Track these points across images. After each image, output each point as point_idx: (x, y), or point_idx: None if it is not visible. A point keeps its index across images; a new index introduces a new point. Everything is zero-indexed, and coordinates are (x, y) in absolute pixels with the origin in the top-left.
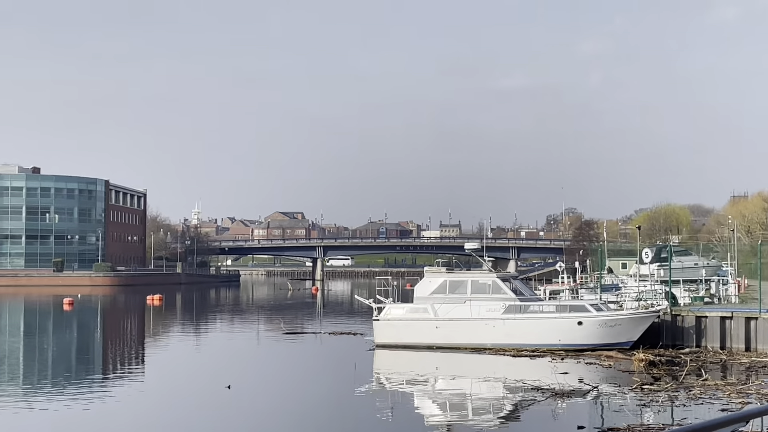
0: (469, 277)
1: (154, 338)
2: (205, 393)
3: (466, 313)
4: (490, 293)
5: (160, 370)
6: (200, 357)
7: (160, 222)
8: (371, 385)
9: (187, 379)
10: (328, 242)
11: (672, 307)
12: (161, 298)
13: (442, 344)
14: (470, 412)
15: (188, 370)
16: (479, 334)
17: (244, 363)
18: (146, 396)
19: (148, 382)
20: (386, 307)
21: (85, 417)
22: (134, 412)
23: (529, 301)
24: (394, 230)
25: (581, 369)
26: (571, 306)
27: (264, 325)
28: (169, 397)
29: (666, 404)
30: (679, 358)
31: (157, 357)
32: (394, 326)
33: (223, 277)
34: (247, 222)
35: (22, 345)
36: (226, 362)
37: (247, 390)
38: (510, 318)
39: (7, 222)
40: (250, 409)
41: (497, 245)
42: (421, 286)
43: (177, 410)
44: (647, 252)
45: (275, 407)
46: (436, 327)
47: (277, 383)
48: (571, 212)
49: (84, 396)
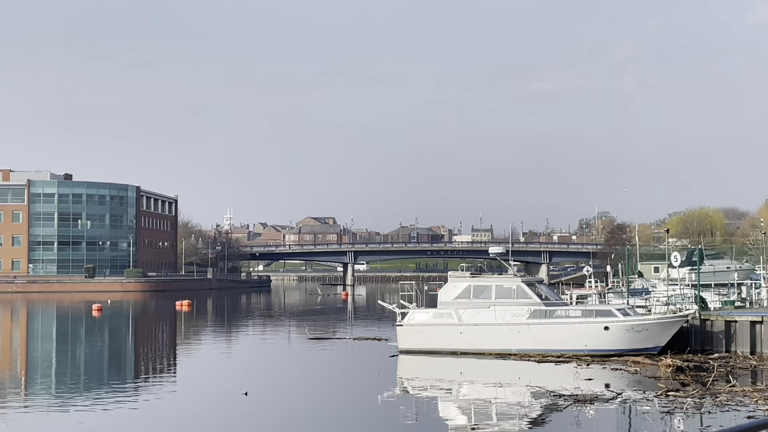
0: (493, 282)
1: (181, 344)
2: (228, 399)
3: (491, 318)
4: (515, 298)
5: (185, 376)
6: (225, 362)
7: (191, 228)
8: (395, 391)
9: (209, 384)
10: (358, 247)
11: (701, 312)
12: (190, 304)
13: (467, 350)
14: (494, 418)
15: (210, 375)
16: (504, 340)
17: (267, 369)
18: (170, 402)
19: (173, 388)
20: (410, 313)
21: (108, 423)
22: (158, 417)
23: (555, 305)
24: (425, 235)
25: (606, 375)
26: (598, 311)
27: (289, 330)
28: (192, 403)
29: (691, 411)
30: (707, 363)
31: (183, 363)
32: (418, 332)
33: (253, 282)
34: (279, 227)
35: (49, 351)
36: (249, 368)
37: (269, 396)
38: (535, 323)
39: (40, 228)
40: (273, 416)
41: (529, 249)
42: (445, 291)
43: (200, 416)
44: (676, 256)
45: (298, 414)
46: (460, 332)
47: (299, 390)
48: (603, 216)
49: (110, 402)
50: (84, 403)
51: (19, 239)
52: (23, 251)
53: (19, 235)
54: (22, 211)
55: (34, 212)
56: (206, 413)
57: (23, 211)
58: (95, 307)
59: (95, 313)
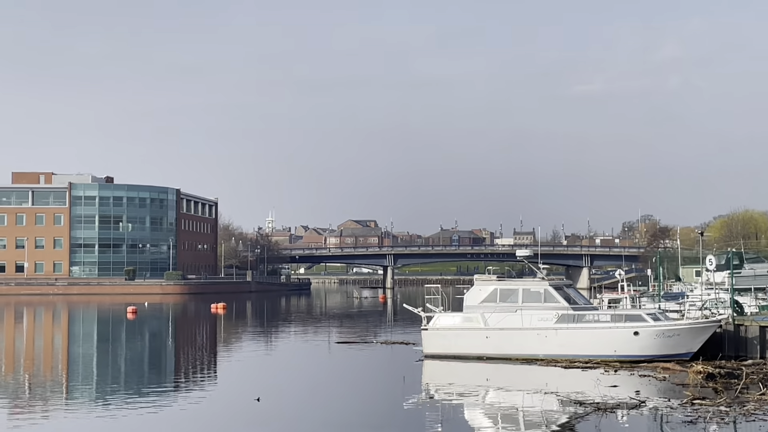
0: (520, 285)
1: (207, 347)
2: (247, 403)
3: (518, 322)
4: (543, 302)
5: (209, 379)
6: (249, 366)
7: (231, 230)
8: (420, 397)
9: (229, 388)
10: (398, 250)
11: (735, 317)
12: (225, 307)
13: (493, 355)
14: (521, 427)
15: (234, 379)
16: (531, 345)
17: (292, 373)
18: (188, 405)
19: (195, 392)
20: (435, 316)
21: (141, 424)
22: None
23: (583, 310)
24: (467, 238)
25: (633, 381)
26: (627, 315)
27: (318, 334)
28: (209, 407)
29: (715, 420)
30: (740, 370)
31: (208, 366)
32: (443, 336)
33: (293, 285)
34: (320, 230)
35: (84, 353)
36: (274, 372)
37: (292, 402)
38: (563, 328)
39: (81, 231)
40: (294, 421)
41: (570, 253)
42: (471, 295)
43: (214, 420)
44: (711, 259)
45: (320, 420)
46: (486, 337)
47: (323, 395)
48: (647, 219)
49: (144, 405)
50: (121, 404)
51: (61, 242)
52: (65, 254)
53: (60, 238)
54: (63, 213)
55: (75, 215)
56: (222, 416)
57: (65, 214)
58: (130, 309)
59: (130, 315)
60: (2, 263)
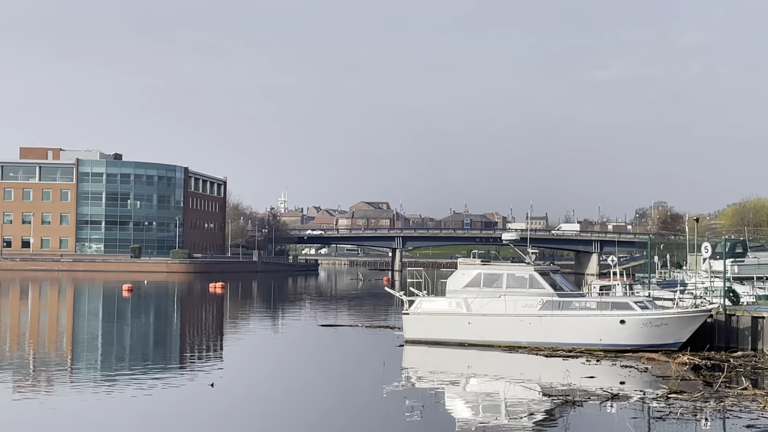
0: (505, 270)
1: (192, 326)
2: (224, 387)
3: (501, 308)
4: (528, 287)
5: (187, 360)
6: (228, 349)
7: (241, 210)
8: (399, 383)
9: (200, 371)
10: (407, 233)
11: (727, 306)
12: (223, 286)
13: (475, 341)
14: (498, 416)
15: (206, 362)
16: (514, 332)
17: (271, 357)
18: (166, 389)
19: (175, 375)
20: (416, 301)
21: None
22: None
23: (569, 296)
24: (478, 221)
25: (613, 372)
26: (614, 303)
27: (305, 316)
28: (190, 391)
29: (687, 417)
30: (727, 362)
31: (188, 345)
32: (424, 321)
33: (300, 266)
34: (332, 211)
35: (76, 329)
36: (249, 357)
37: (268, 388)
38: (547, 315)
39: (88, 207)
40: (273, 407)
41: (579, 239)
42: (455, 279)
43: (201, 404)
44: (706, 247)
45: (299, 406)
46: (468, 323)
47: (300, 380)
48: (660, 206)
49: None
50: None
51: (67, 218)
52: (71, 230)
53: (67, 214)
54: (70, 190)
55: (82, 191)
56: (190, 402)
57: (72, 190)
58: (125, 287)
59: (125, 293)
60: (8, 238)
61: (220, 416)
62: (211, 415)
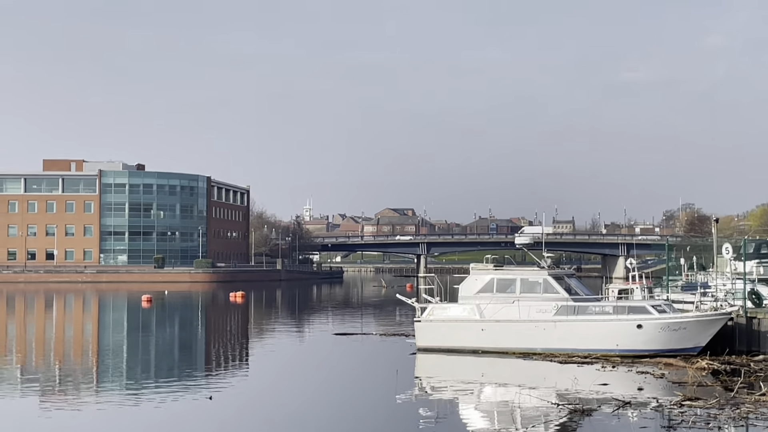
0: (518, 275)
1: (207, 336)
2: (239, 396)
3: (515, 314)
4: (541, 292)
5: (205, 370)
6: (241, 360)
7: (265, 218)
8: (413, 392)
9: (214, 380)
10: (431, 239)
11: (748, 309)
12: (243, 295)
13: (488, 348)
14: (511, 426)
15: (221, 371)
16: (528, 338)
17: (284, 366)
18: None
19: (194, 385)
20: (429, 308)
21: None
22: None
23: (585, 301)
24: (504, 226)
25: (628, 379)
26: (631, 307)
27: (321, 325)
28: (198, 402)
29: (699, 425)
30: (747, 366)
31: (204, 356)
32: (437, 328)
33: (324, 273)
34: (357, 218)
35: (91, 341)
36: (262, 366)
37: (281, 397)
38: (562, 320)
39: (111, 218)
40: (286, 418)
41: (605, 242)
42: (467, 284)
43: (214, 413)
44: (727, 248)
45: (313, 416)
46: (481, 329)
47: (315, 389)
48: (688, 207)
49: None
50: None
51: (91, 229)
52: (95, 241)
53: (90, 225)
54: (93, 201)
55: (105, 202)
56: (205, 410)
57: (95, 202)
58: (145, 298)
59: (145, 304)
60: (33, 251)
61: (232, 425)
62: (222, 423)
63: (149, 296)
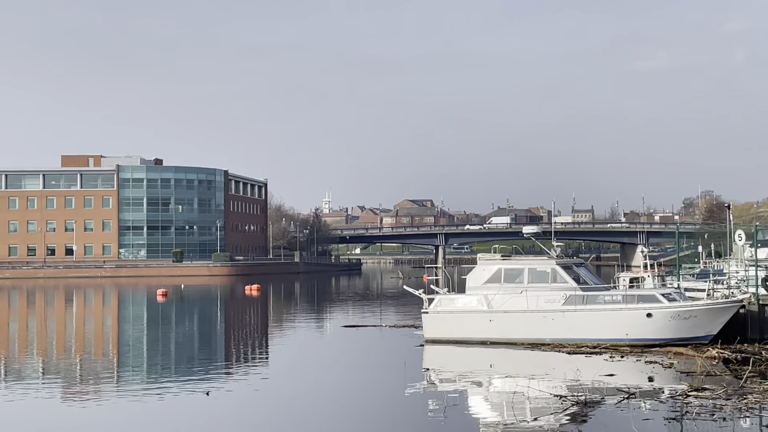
0: (526, 265)
1: (218, 329)
2: (246, 389)
3: (523, 304)
4: (550, 282)
5: (214, 364)
6: (252, 352)
7: (283, 211)
8: (421, 384)
9: (222, 375)
10: (449, 229)
11: (762, 296)
12: (259, 288)
13: (497, 339)
14: (523, 416)
15: (229, 364)
16: (537, 328)
17: (293, 359)
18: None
19: (204, 379)
20: (436, 299)
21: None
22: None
23: (594, 290)
24: (523, 216)
25: (635, 369)
26: (640, 296)
27: (329, 318)
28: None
29: (703, 416)
30: (759, 354)
31: (216, 349)
32: (445, 319)
33: (342, 265)
34: (376, 210)
35: (109, 335)
36: (270, 358)
37: (289, 390)
38: (570, 310)
39: (129, 213)
40: (295, 410)
41: (624, 230)
42: (475, 275)
43: (213, 406)
44: (740, 234)
45: (322, 408)
46: (489, 320)
47: (322, 382)
48: (707, 195)
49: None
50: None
51: (110, 224)
52: (113, 236)
53: (109, 220)
54: (112, 196)
55: (123, 197)
56: (203, 405)
57: (113, 197)
58: (160, 292)
59: (160, 298)
60: (52, 246)
61: (239, 418)
62: (228, 416)
63: (164, 290)
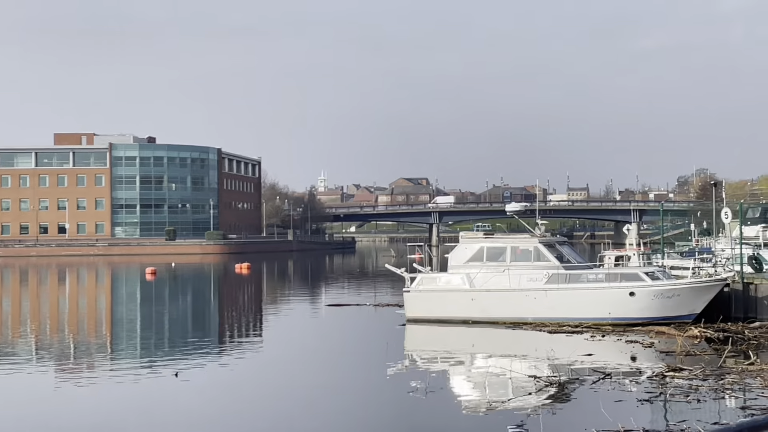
0: (508, 243)
1: (204, 307)
2: (223, 371)
3: (505, 283)
4: (532, 260)
5: (197, 344)
6: (234, 333)
7: (277, 189)
8: (403, 364)
9: (200, 354)
10: (443, 207)
11: (745, 274)
12: (249, 267)
13: (479, 318)
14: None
15: (211, 343)
16: (519, 307)
17: (274, 339)
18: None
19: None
20: (418, 277)
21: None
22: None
23: (576, 269)
24: (518, 194)
25: (614, 348)
26: (623, 275)
27: (315, 297)
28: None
29: (677, 397)
30: (742, 333)
31: (198, 328)
32: (426, 298)
33: (336, 244)
34: (372, 189)
35: (100, 313)
36: (252, 339)
37: (272, 372)
38: (553, 288)
39: (122, 191)
40: (275, 392)
41: (618, 208)
42: (456, 253)
43: (200, 389)
44: (726, 212)
45: (302, 388)
46: (471, 299)
47: (303, 362)
48: (701, 173)
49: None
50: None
51: (102, 202)
52: (106, 214)
53: (102, 199)
54: (104, 174)
55: (116, 175)
56: (198, 388)
57: (106, 175)
58: (149, 270)
59: (149, 276)
60: (45, 224)
61: (216, 400)
62: (205, 399)
63: (153, 269)
